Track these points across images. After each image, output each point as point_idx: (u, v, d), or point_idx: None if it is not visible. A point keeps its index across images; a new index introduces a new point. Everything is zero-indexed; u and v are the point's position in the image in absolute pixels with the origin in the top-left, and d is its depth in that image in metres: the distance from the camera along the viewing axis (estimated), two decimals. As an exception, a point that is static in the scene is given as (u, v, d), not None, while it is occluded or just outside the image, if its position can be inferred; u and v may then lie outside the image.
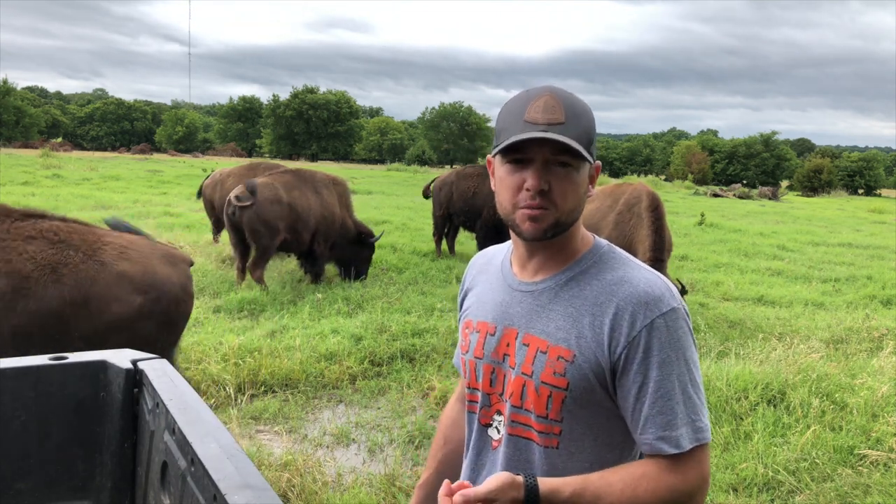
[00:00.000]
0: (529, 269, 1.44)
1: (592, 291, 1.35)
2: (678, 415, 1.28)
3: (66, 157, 35.31)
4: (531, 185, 1.32)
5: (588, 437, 1.36)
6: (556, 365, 1.33)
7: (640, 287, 1.32)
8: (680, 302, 1.35)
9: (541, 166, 1.32)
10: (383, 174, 38.78)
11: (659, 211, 7.31)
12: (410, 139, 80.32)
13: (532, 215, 1.33)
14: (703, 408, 1.32)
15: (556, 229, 1.35)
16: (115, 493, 1.77)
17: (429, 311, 7.32)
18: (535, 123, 1.30)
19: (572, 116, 1.31)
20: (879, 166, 64.48)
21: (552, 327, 1.36)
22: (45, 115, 73.71)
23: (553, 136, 1.28)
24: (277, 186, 8.36)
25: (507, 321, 1.43)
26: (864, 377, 5.26)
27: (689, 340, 1.33)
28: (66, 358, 1.77)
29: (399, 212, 16.99)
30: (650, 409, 1.28)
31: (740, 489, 3.94)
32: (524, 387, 1.37)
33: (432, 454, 1.73)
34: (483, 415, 1.47)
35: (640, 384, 1.29)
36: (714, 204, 28.50)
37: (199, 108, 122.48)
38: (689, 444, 1.27)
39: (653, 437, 1.28)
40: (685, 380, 1.29)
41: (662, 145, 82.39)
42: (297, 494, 3.64)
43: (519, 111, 1.33)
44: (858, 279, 11.03)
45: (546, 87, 1.35)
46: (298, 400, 5.08)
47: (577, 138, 1.30)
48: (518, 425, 1.40)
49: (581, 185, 1.36)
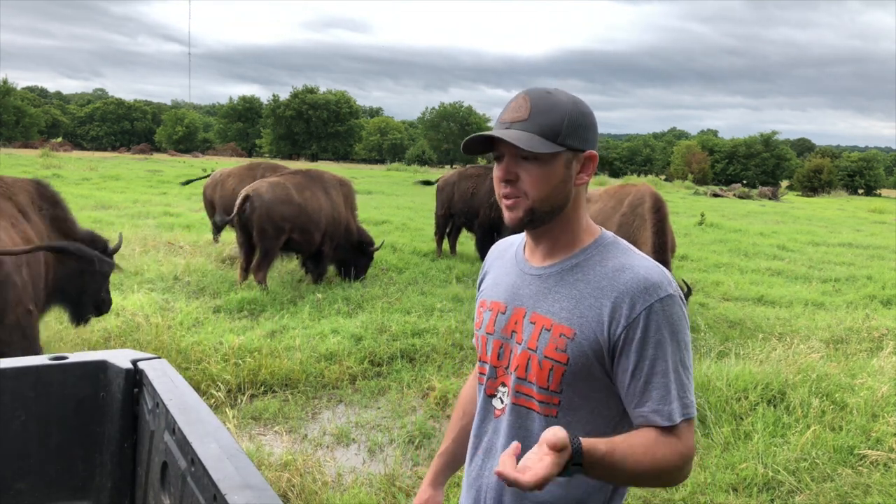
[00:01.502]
0: (538, 256, 1.57)
1: (595, 277, 1.47)
2: (670, 391, 1.40)
3: (66, 157, 35.31)
4: (497, 175, 1.49)
5: (584, 409, 1.48)
6: (558, 341, 1.46)
7: (640, 274, 1.44)
8: (676, 289, 1.46)
9: (510, 159, 1.46)
10: (383, 174, 38.77)
11: (662, 212, 7.32)
12: (410, 139, 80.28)
13: (507, 205, 1.48)
14: (691, 386, 1.45)
15: (533, 216, 1.48)
16: (115, 494, 1.77)
17: (429, 311, 7.32)
18: (502, 122, 1.46)
19: (538, 112, 1.43)
20: (879, 166, 64.44)
21: (557, 307, 1.49)
22: (45, 115, 73.62)
23: (495, 133, 1.43)
24: (289, 187, 8.36)
25: (516, 301, 1.56)
26: (864, 377, 5.26)
27: (684, 324, 1.45)
28: (66, 358, 1.77)
29: (399, 212, 16.99)
30: (645, 385, 1.41)
31: (740, 489, 3.94)
32: (528, 360, 1.50)
33: (451, 426, 1.88)
34: (489, 386, 1.60)
35: (636, 362, 1.41)
36: (714, 204, 28.51)
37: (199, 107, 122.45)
38: (680, 417, 1.40)
39: (648, 410, 1.41)
40: (677, 360, 1.42)
41: (662, 145, 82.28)
42: (297, 494, 3.64)
43: (502, 112, 1.49)
44: (858, 279, 11.03)
45: (526, 90, 1.49)
46: (298, 400, 5.08)
47: (539, 131, 1.42)
48: (521, 395, 1.52)
49: (553, 175, 1.45)
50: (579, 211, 1.53)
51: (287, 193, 8.25)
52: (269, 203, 8.07)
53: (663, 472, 1.38)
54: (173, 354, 5.39)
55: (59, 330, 5.79)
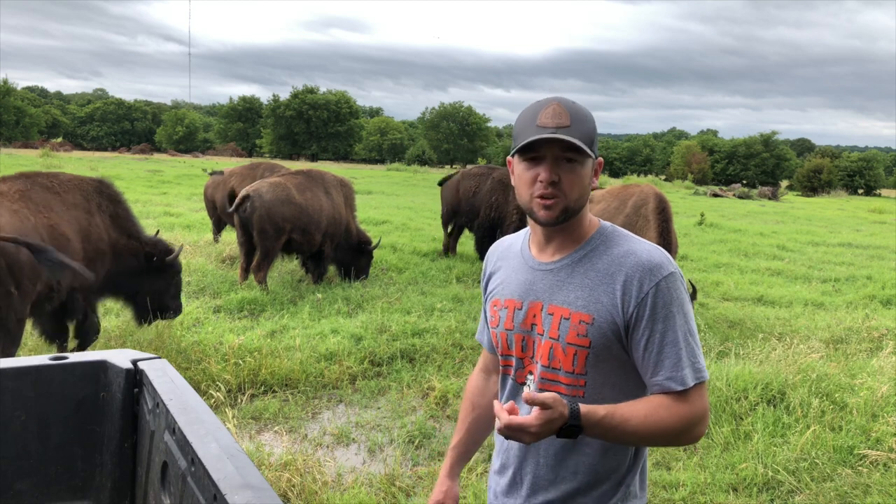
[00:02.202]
0: (548, 252, 1.70)
1: (603, 264, 1.62)
2: (682, 358, 1.56)
3: (66, 157, 35.30)
4: (544, 177, 1.58)
5: (607, 387, 1.63)
6: (578, 328, 1.60)
7: (643, 257, 1.60)
8: (676, 267, 1.62)
9: (552, 162, 1.58)
10: (383, 174, 38.78)
11: (666, 213, 7.33)
12: (410, 139, 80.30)
13: (546, 204, 1.60)
14: (700, 352, 1.61)
15: (566, 214, 1.61)
16: (115, 493, 1.77)
17: (429, 311, 7.32)
18: (545, 127, 1.56)
19: (576, 121, 1.57)
20: (879, 166, 64.38)
21: (572, 297, 1.62)
22: (45, 115, 73.62)
23: (562, 136, 1.55)
24: (290, 187, 8.36)
25: (531, 296, 1.68)
26: (864, 377, 5.26)
27: (686, 297, 1.61)
28: (66, 358, 1.77)
29: (399, 212, 16.99)
30: (658, 355, 1.56)
31: (740, 489, 3.94)
32: (552, 349, 1.63)
33: (462, 419, 2.00)
34: (518, 375, 1.73)
35: (648, 335, 1.56)
36: (714, 204, 28.51)
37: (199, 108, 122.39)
38: (693, 381, 1.56)
39: (663, 377, 1.56)
40: (685, 330, 1.58)
41: (662, 145, 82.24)
42: (297, 494, 3.64)
43: (532, 117, 1.60)
44: (858, 279, 11.02)
45: (554, 98, 1.62)
46: (298, 400, 5.08)
47: (581, 138, 1.56)
48: (547, 381, 1.65)
49: (585, 177, 1.62)
50: (586, 208, 1.69)
51: (288, 194, 8.25)
52: (270, 203, 8.07)
53: (665, 433, 1.53)
54: (173, 354, 5.39)
55: (59, 330, 5.79)
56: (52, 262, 4.41)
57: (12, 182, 5.00)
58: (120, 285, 5.57)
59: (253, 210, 8.03)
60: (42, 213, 4.84)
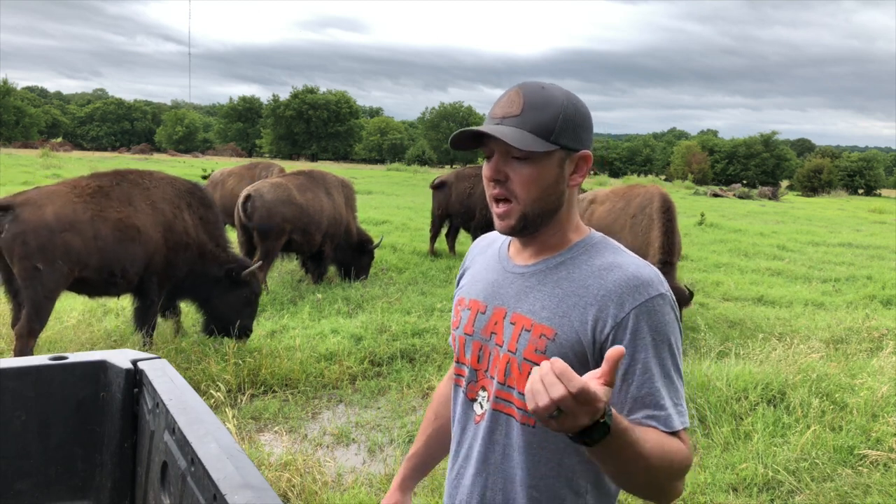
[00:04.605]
0: (525, 255, 1.48)
1: (581, 275, 1.38)
2: (664, 397, 1.30)
3: (66, 157, 35.32)
4: (486, 175, 1.39)
5: None
6: (538, 342, 1.36)
7: (629, 271, 1.34)
8: (668, 290, 1.36)
9: (500, 158, 1.36)
10: (383, 174, 38.77)
11: (670, 213, 7.32)
12: (410, 139, 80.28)
13: (498, 213, 1.39)
14: (683, 393, 1.34)
15: (525, 222, 1.38)
16: (115, 493, 1.77)
17: (429, 311, 7.32)
18: (493, 118, 1.36)
19: (531, 108, 1.33)
20: (879, 166, 64.38)
21: (538, 306, 1.39)
22: (45, 115, 73.68)
23: (483, 129, 1.33)
24: (290, 188, 8.37)
25: (497, 301, 1.46)
26: (864, 377, 5.25)
27: (675, 326, 1.34)
28: (66, 358, 1.77)
29: (399, 212, 16.99)
30: (637, 390, 1.29)
31: (740, 489, 3.94)
32: (508, 364, 1.40)
33: (422, 428, 1.79)
34: (469, 389, 1.50)
35: (627, 365, 1.30)
36: (714, 204, 28.50)
37: (198, 108, 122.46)
38: (679, 426, 1.30)
39: (642, 416, 1.29)
40: (668, 364, 1.31)
41: (662, 145, 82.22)
42: (297, 494, 3.64)
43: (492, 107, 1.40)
44: (858, 279, 11.02)
45: (522, 83, 1.39)
46: (298, 400, 5.08)
47: (533, 128, 1.32)
48: (501, 401, 1.42)
49: (545, 175, 1.36)
50: (571, 212, 1.44)
51: (288, 194, 8.26)
52: (271, 203, 8.07)
53: (671, 467, 1.26)
54: (173, 354, 5.39)
55: (59, 330, 5.79)
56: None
57: (99, 178, 5.34)
58: (198, 288, 5.80)
59: (254, 210, 8.04)
60: (113, 207, 5.13)
